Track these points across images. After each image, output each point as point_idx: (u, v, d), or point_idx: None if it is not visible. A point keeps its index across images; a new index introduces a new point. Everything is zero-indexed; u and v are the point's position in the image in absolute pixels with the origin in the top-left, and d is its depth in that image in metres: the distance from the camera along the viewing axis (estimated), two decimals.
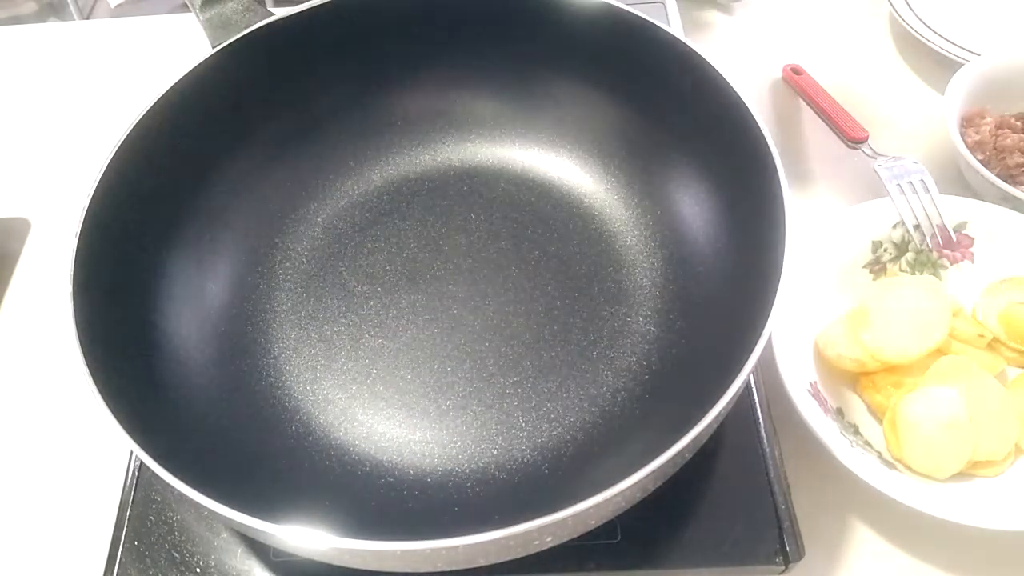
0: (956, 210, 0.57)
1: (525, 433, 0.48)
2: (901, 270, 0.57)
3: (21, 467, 0.54)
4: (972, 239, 0.57)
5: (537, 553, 0.36)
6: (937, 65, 0.71)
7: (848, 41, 0.77)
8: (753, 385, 0.50)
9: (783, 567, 0.44)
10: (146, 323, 0.47)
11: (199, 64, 0.50)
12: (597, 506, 0.33)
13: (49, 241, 0.66)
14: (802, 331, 0.52)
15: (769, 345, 0.48)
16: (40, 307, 0.62)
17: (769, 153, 0.43)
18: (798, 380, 0.48)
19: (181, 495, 0.34)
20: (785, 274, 0.39)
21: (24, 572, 0.49)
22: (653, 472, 0.34)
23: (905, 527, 0.48)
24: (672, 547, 0.45)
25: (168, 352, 0.47)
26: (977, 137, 0.62)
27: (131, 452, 0.49)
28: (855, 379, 0.52)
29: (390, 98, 0.59)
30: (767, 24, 0.79)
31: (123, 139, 0.46)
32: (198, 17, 0.52)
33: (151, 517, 0.47)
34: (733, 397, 0.36)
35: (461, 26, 0.55)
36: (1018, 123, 0.63)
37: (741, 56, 0.76)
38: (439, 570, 0.36)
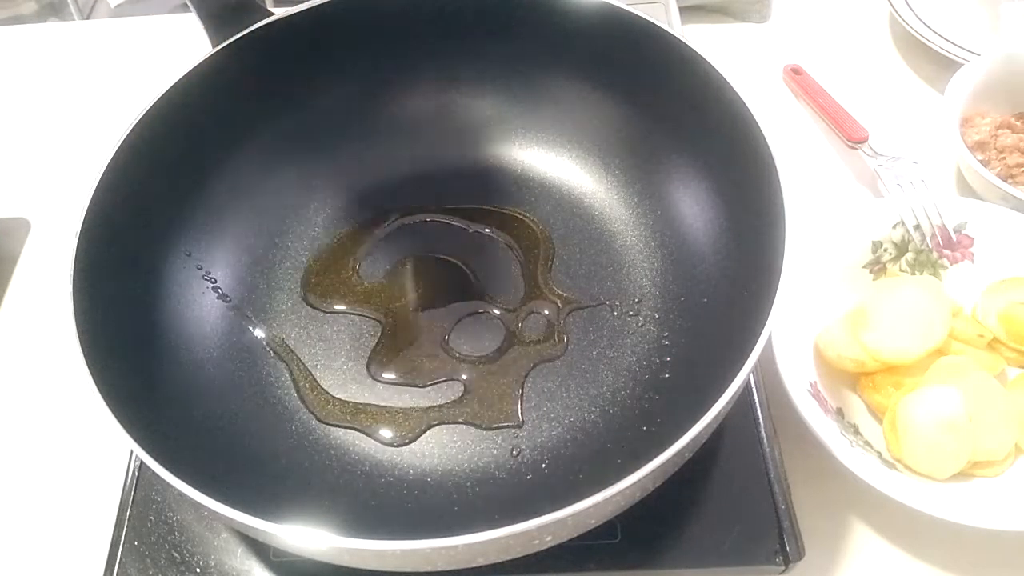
0: (956, 210, 0.57)
1: (525, 433, 0.48)
2: (901, 270, 0.57)
3: (21, 467, 0.54)
4: (972, 239, 0.57)
5: (537, 553, 0.36)
6: (937, 65, 0.71)
7: (848, 41, 0.77)
8: (753, 385, 0.50)
9: (783, 567, 0.44)
10: (146, 323, 0.47)
11: (199, 64, 0.50)
12: (597, 506, 0.33)
13: (49, 241, 0.66)
14: (802, 331, 0.52)
15: (769, 345, 0.48)
16: (40, 307, 0.62)
17: (769, 153, 0.43)
18: (798, 380, 0.48)
19: (181, 495, 0.34)
20: (785, 274, 0.39)
21: (24, 572, 0.49)
22: (653, 472, 0.34)
23: (905, 527, 0.48)
24: (672, 547, 0.45)
25: (168, 352, 0.47)
26: (977, 137, 0.62)
27: (131, 452, 0.49)
28: (855, 379, 0.52)
29: (390, 98, 0.59)
30: (767, 24, 0.79)
31: (123, 139, 0.46)
32: (198, 17, 0.52)
33: (151, 517, 0.47)
34: (733, 397, 0.36)
35: (461, 26, 0.55)
36: (1018, 123, 0.63)
37: (741, 56, 0.76)
38: (439, 570, 0.36)
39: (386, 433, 0.48)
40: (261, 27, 0.51)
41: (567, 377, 0.50)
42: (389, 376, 0.50)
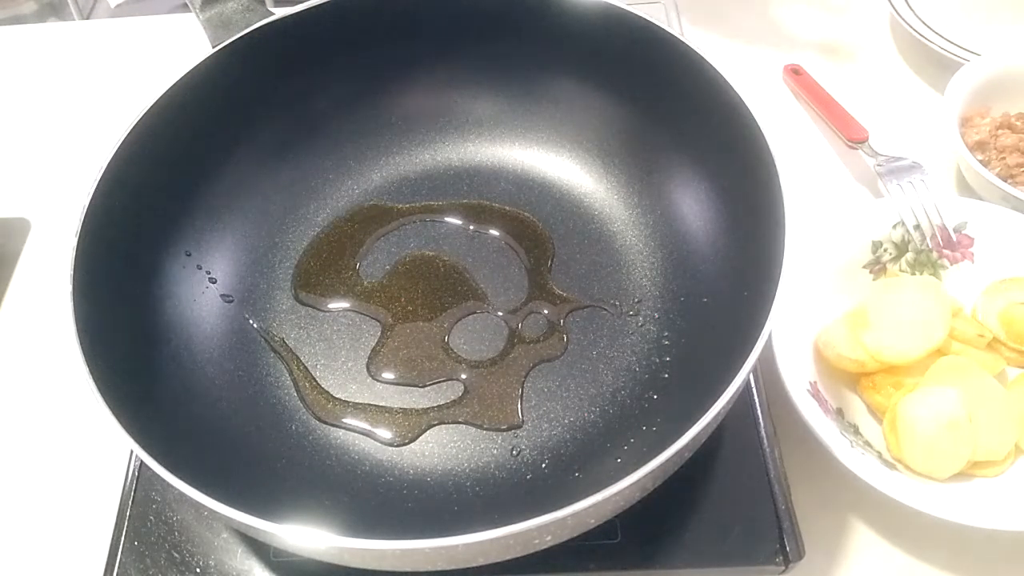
0: (956, 210, 0.57)
1: (525, 433, 0.48)
2: (901, 270, 0.57)
3: (21, 467, 0.54)
4: (972, 239, 0.57)
5: (537, 553, 0.36)
6: (937, 65, 0.71)
7: (848, 41, 0.77)
8: (753, 385, 0.50)
9: (783, 567, 0.44)
10: (146, 323, 0.47)
11: (199, 64, 0.50)
12: (597, 505, 0.33)
13: (49, 241, 0.66)
14: (802, 331, 0.52)
15: (769, 345, 0.48)
16: (40, 307, 0.62)
17: (769, 153, 0.43)
18: (798, 380, 0.48)
19: (181, 495, 0.34)
20: (785, 274, 0.39)
21: (24, 572, 0.49)
22: (653, 472, 0.34)
23: (905, 527, 0.48)
24: (672, 547, 0.45)
25: (168, 352, 0.47)
26: (977, 137, 0.62)
27: (131, 452, 0.49)
28: (855, 379, 0.52)
29: (390, 98, 0.59)
30: (767, 24, 0.79)
31: (123, 139, 0.46)
32: (198, 17, 0.52)
33: (151, 517, 0.47)
34: (733, 397, 0.36)
35: (461, 26, 0.55)
36: (1018, 123, 0.62)
37: (741, 56, 0.76)
38: (439, 569, 0.36)
39: (386, 433, 0.48)
40: (261, 27, 0.51)
41: (567, 377, 0.50)
42: (389, 376, 0.50)
